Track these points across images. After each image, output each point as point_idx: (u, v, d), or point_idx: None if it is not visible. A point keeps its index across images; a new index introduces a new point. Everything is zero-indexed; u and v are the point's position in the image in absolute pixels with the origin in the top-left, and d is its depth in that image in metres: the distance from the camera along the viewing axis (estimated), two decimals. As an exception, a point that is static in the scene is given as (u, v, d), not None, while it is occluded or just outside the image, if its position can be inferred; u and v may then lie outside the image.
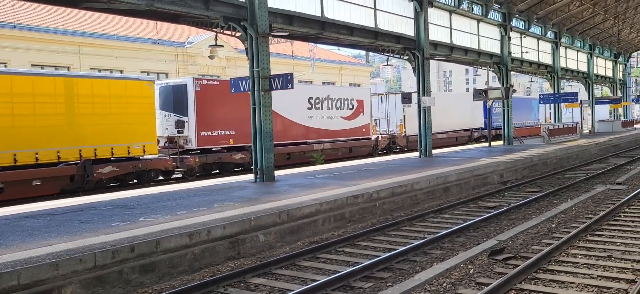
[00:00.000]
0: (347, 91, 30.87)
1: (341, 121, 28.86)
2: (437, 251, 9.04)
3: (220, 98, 22.30)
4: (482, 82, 40.21)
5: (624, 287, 6.87)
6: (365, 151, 29.99)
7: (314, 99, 27.42)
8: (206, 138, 22.26)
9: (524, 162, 20.28)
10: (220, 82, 23.17)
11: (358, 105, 29.90)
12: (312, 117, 27.23)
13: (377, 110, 34.67)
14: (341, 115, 28.90)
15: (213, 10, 14.41)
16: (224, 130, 22.80)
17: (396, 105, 33.72)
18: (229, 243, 9.01)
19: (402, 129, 33.70)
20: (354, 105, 29.55)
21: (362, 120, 30.34)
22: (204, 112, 21.92)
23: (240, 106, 21.78)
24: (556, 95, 36.42)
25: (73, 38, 32.91)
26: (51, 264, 6.85)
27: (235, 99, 21.22)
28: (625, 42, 50.96)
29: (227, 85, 22.33)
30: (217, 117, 22.43)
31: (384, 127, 34.28)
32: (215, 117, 22.38)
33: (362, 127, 30.43)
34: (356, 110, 29.77)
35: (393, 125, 34.01)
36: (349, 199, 11.78)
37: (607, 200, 13.41)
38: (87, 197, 13.86)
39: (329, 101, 28.00)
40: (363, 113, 30.28)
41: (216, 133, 22.56)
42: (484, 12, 26.96)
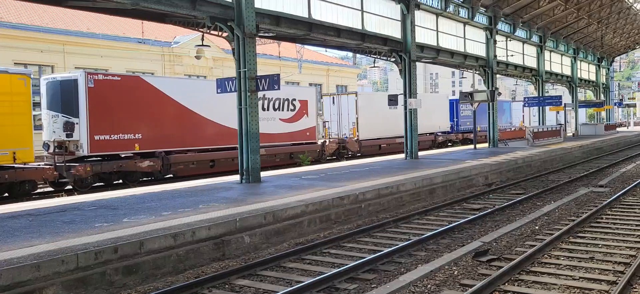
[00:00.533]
0: (287, 90, 27.11)
1: (280, 124, 25.83)
2: (422, 253, 9.08)
3: (122, 97, 19.52)
4: (468, 84, 40.44)
5: (606, 288, 6.95)
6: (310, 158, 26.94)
7: None
8: (102, 142, 18.97)
9: (508, 164, 20.44)
10: (123, 78, 20.45)
11: (301, 106, 26.87)
12: None
13: (329, 112, 32.23)
14: (280, 117, 25.85)
15: (200, 10, 14.35)
16: (127, 134, 19.67)
17: (348, 106, 31.19)
18: (213, 244, 8.97)
19: (354, 132, 30.95)
20: (296, 106, 26.58)
21: (305, 122, 27.26)
22: (99, 112, 18.80)
23: (149, 106, 20.02)
24: (541, 98, 36.77)
25: (57, 36, 32.56)
26: (32, 266, 6.77)
27: (142, 97, 19.66)
28: (608, 47, 51.61)
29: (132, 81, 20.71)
30: (117, 118, 19.34)
31: (336, 130, 31.67)
32: (116, 118, 19.28)
33: (306, 130, 27.40)
34: (299, 112, 26.78)
35: (345, 128, 31.27)
36: (335, 200, 11.78)
37: (590, 203, 13.56)
38: (70, 197, 13.72)
39: (265, 101, 24.87)
40: (307, 115, 27.25)
41: (116, 138, 19.35)
42: (470, 15, 27.15)
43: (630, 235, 9.90)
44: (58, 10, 32.27)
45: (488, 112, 29.82)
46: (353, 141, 30.61)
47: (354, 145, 30.55)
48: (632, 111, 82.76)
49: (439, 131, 38.09)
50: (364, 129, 31.16)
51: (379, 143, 32.20)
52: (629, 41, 54.57)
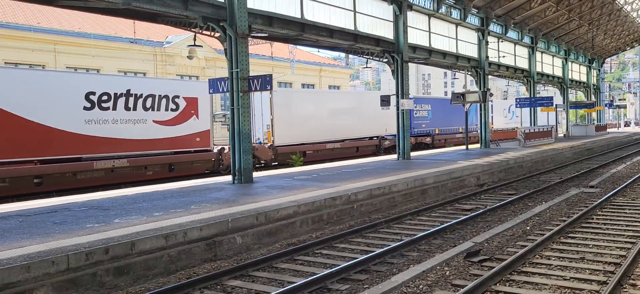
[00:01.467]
0: (165, 85, 22.29)
1: (154, 127, 20.78)
2: (414, 253, 9.10)
3: None
4: (460, 85, 40.08)
5: (596, 288, 6.99)
6: (201, 169, 22.51)
7: (100, 96, 18.98)
8: None
9: (500, 165, 20.53)
10: None
11: (188, 105, 21.99)
12: (93, 121, 18.82)
13: None
14: (155, 119, 20.80)
15: (192, 10, 14.31)
16: None
17: (262, 106, 26.60)
18: (205, 245, 8.94)
19: (269, 137, 26.23)
20: (180, 105, 21.67)
21: (194, 125, 22.30)
22: None
23: None
24: (532, 99, 36.95)
25: (49, 36, 32.40)
26: (22, 267, 6.72)
27: None
28: (599, 48, 51.96)
29: None
30: None
31: None
32: None
33: (195, 135, 22.35)
34: (184, 112, 21.82)
35: (259, 132, 26.54)
36: (327, 201, 11.78)
37: (581, 203, 13.64)
38: (61, 198, 13.63)
39: (130, 98, 19.91)
40: (196, 116, 22.34)
41: None
42: (463, 16, 27.23)
43: (620, 235, 9.97)
44: (50, 9, 32.09)
45: (479, 112, 29.93)
46: (265, 148, 25.76)
47: (266, 153, 25.62)
48: (622, 112, 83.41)
49: (387, 134, 34.16)
50: (282, 133, 26.46)
51: (303, 150, 27.52)
52: (620, 43, 54.99)
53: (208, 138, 23.11)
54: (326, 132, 29.10)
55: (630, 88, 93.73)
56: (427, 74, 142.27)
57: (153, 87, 21.10)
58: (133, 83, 20.83)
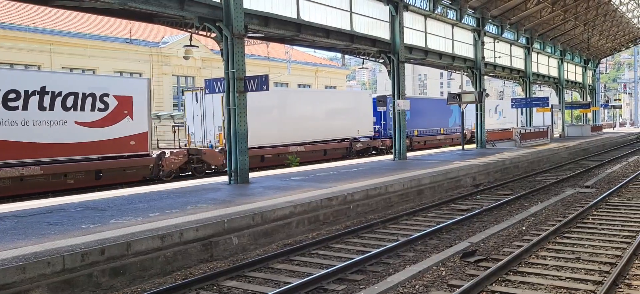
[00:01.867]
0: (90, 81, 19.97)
1: (78, 130, 18.63)
2: (410, 254, 9.10)
3: None
4: (457, 85, 39.71)
5: (591, 288, 7.01)
6: (137, 175, 20.41)
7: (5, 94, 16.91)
8: None
9: (496, 165, 20.56)
10: None
11: (120, 104, 19.67)
12: None
13: (192, 112, 25.20)
14: (77, 120, 18.61)
15: (188, 10, 14.29)
16: None
17: (214, 106, 24.04)
18: (201, 246, 8.93)
19: (221, 140, 23.87)
20: (109, 104, 19.40)
21: (128, 127, 19.99)
22: None
23: None
24: (528, 99, 37.04)
25: (44, 36, 32.30)
26: (18, 268, 6.70)
27: None
28: (595, 49, 52.12)
29: None
30: None
31: (201, 138, 24.98)
32: None
33: (129, 138, 20.11)
34: (115, 112, 19.56)
35: (211, 135, 24.45)
36: (323, 201, 11.78)
37: (576, 203, 13.68)
38: (56, 199, 13.59)
39: (46, 96, 17.81)
40: (131, 117, 20.06)
41: None
42: (459, 17, 27.28)
43: (616, 235, 10.01)
44: (45, 9, 31.99)
45: (476, 113, 29.94)
46: (214, 152, 23.50)
47: (216, 158, 23.37)
48: (617, 112, 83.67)
49: (359, 136, 32.39)
50: None
51: (261, 154, 25.51)
52: (615, 43, 55.17)
53: (145, 142, 20.82)
54: (288, 134, 26.80)
55: (625, 88, 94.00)
56: (423, 75, 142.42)
57: (75, 83, 18.79)
58: (50, 79, 18.43)
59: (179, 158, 22.44)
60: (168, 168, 21.70)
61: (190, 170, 23.18)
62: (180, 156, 22.58)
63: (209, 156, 23.33)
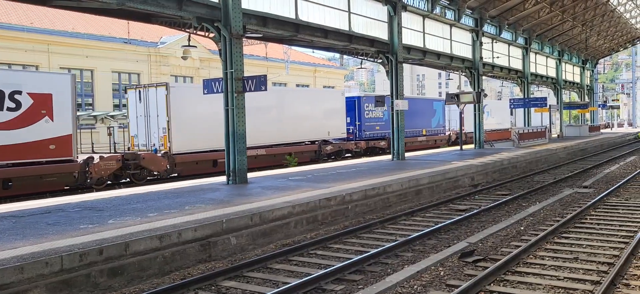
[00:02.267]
0: None
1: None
2: (409, 254, 9.11)
3: None
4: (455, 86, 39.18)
5: (589, 288, 7.02)
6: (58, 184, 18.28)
7: None
8: None
9: (494, 166, 20.58)
10: None
11: (35, 103, 17.34)
12: None
13: (135, 112, 22.76)
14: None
15: (186, 10, 14.28)
16: None
17: (158, 105, 21.95)
18: (200, 246, 8.93)
19: (165, 143, 21.83)
20: (21, 104, 17.00)
21: (45, 130, 17.64)
22: None
23: None
24: (526, 99, 37.09)
25: (42, 36, 32.22)
26: (16, 268, 6.69)
27: None
28: (593, 49, 52.22)
29: None
30: None
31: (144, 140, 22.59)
32: None
33: (47, 142, 17.77)
34: (29, 113, 17.20)
35: (155, 137, 22.17)
36: (322, 201, 11.78)
37: (574, 203, 13.70)
38: (54, 199, 13.58)
39: None
40: (50, 118, 17.71)
41: None
42: (457, 17, 27.31)
43: (613, 235, 10.02)
44: (43, 9, 31.93)
45: (475, 113, 29.98)
46: (156, 157, 21.12)
47: (158, 163, 21.03)
48: (615, 113, 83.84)
49: (330, 138, 30.07)
50: (182, 139, 22.05)
51: (214, 158, 23.16)
52: (613, 44, 55.28)
53: (69, 146, 18.26)
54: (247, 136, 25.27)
55: (623, 89, 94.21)
56: (422, 75, 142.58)
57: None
58: None
59: (110, 164, 19.80)
60: (97, 175, 19.20)
61: (126, 177, 20.65)
62: (113, 161, 19.92)
63: (150, 161, 20.78)
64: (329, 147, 29.71)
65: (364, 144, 32.06)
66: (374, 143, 33.18)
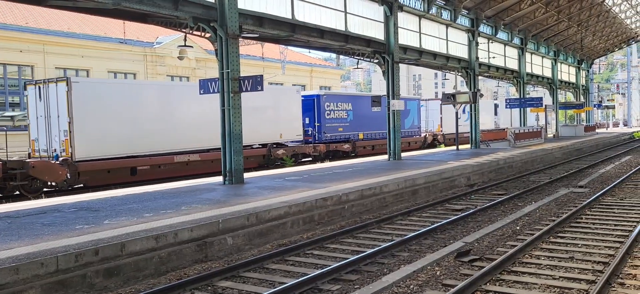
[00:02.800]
0: None
1: None
2: (405, 254, 9.12)
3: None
4: (451, 86, 38.53)
5: (585, 287, 7.05)
6: None
7: None
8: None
9: (490, 165, 20.63)
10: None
11: None
12: None
13: (35, 112, 19.75)
14: None
15: (182, 10, 14.26)
16: None
17: (59, 104, 18.95)
18: (196, 246, 8.91)
19: (67, 148, 18.76)
20: None
21: None
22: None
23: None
24: (522, 99, 37.18)
25: (37, 36, 32.10)
26: (11, 268, 6.66)
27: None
28: (588, 49, 52.38)
29: None
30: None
31: (45, 144, 19.41)
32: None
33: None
34: None
35: (56, 141, 19.08)
36: (318, 201, 11.78)
37: (570, 203, 13.74)
38: (50, 199, 13.54)
39: None
40: None
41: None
42: (453, 17, 27.35)
43: (609, 234, 10.06)
44: (38, 9, 31.83)
45: (470, 113, 30.02)
46: (50, 165, 17.97)
47: (54, 172, 17.78)
48: (611, 113, 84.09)
49: (284, 141, 27.08)
50: (88, 142, 18.98)
51: (132, 165, 20.19)
52: (608, 44, 55.46)
53: None
54: (176, 139, 21.60)
55: (618, 89, 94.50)
56: (418, 75, 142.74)
57: None
58: None
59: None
60: None
61: (10, 188, 17.33)
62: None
63: (41, 170, 17.46)
64: (281, 150, 26.30)
65: (324, 147, 28.46)
66: (336, 147, 29.57)
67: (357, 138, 31.81)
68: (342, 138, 30.56)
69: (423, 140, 38.80)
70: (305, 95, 29.51)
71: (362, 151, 31.84)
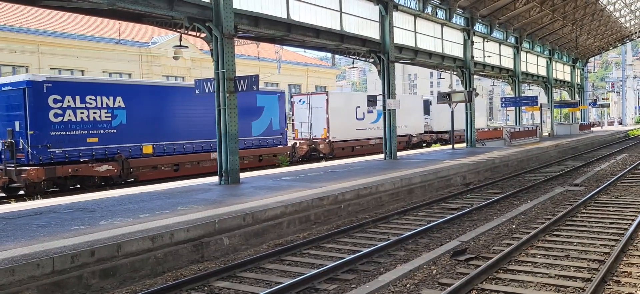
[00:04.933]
0: None
1: None
2: (401, 253, 9.13)
3: None
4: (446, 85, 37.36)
5: (581, 285, 7.07)
6: None
7: None
8: None
9: (486, 164, 20.67)
10: None
11: None
12: None
13: None
14: None
15: (177, 10, 14.24)
16: None
17: None
18: (192, 246, 8.90)
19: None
20: None
21: None
22: None
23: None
24: (517, 98, 37.28)
25: (32, 36, 32.02)
26: (7, 270, 6.64)
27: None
28: (583, 48, 52.56)
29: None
30: None
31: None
32: None
33: None
34: None
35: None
36: (314, 201, 11.78)
37: (565, 201, 13.78)
38: (46, 200, 13.49)
39: None
40: None
41: None
42: (448, 17, 27.40)
43: (604, 232, 10.09)
44: (33, 9, 31.70)
45: (466, 112, 30.05)
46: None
47: None
48: (606, 111, 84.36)
49: None
50: None
51: None
52: (603, 42, 55.69)
53: None
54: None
55: (613, 87, 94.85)
56: (413, 74, 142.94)
57: None
58: None
59: None
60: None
61: None
62: None
63: None
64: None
65: (41, 173, 17.34)
66: (78, 169, 18.40)
67: (137, 153, 20.44)
68: (97, 154, 19.13)
69: (291, 151, 27.99)
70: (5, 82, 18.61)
71: (150, 174, 20.60)
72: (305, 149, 29.17)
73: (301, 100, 30.63)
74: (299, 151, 28.93)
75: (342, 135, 30.60)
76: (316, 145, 29.32)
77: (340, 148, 30.21)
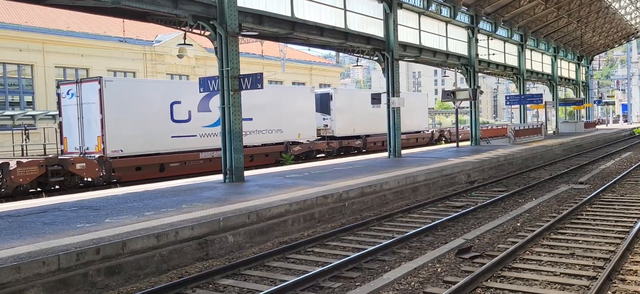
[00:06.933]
0: None
1: None
2: (406, 251, 9.12)
3: None
4: (451, 83, 37.29)
5: (586, 283, 7.05)
6: None
7: None
8: None
9: (490, 162, 20.63)
10: None
11: None
12: None
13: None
14: None
15: (182, 8, 14.25)
16: None
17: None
18: (197, 244, 8.92)
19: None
20: None
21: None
22: None
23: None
24: (522, 96, 37.17)
25: (37, 35, 32.11)
26: (13, 267, 6.67)
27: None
28: (588, 45, 52.36)
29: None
30: None
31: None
32: None
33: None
34: None
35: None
36: (319, 199, 11.79)
37: (570, 199, 13.74)
38: (51, 198, 13.55)
39: None
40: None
41: None
42: (452, 14, 27.33)
43: (609, 230, 10.06)
44: (37, 8, 31.80)
45: (471, 110, 30.00)
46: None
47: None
48: (611, 109, 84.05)
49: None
50: None
51: None
52: (608, 40, 55.44)
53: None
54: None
55: (618, 85, 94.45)
56: (418, 72, 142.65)
57: None
58: None
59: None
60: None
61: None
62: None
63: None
64: None
65: None
66: None
67: None
68: None
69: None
70: None
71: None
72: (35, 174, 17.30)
73: (69, 91, 20.47)
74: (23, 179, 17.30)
75: (137, 146, 20.37)
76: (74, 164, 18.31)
77: (134, 167, 20.03)
